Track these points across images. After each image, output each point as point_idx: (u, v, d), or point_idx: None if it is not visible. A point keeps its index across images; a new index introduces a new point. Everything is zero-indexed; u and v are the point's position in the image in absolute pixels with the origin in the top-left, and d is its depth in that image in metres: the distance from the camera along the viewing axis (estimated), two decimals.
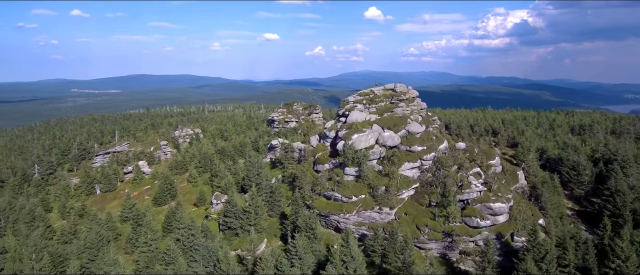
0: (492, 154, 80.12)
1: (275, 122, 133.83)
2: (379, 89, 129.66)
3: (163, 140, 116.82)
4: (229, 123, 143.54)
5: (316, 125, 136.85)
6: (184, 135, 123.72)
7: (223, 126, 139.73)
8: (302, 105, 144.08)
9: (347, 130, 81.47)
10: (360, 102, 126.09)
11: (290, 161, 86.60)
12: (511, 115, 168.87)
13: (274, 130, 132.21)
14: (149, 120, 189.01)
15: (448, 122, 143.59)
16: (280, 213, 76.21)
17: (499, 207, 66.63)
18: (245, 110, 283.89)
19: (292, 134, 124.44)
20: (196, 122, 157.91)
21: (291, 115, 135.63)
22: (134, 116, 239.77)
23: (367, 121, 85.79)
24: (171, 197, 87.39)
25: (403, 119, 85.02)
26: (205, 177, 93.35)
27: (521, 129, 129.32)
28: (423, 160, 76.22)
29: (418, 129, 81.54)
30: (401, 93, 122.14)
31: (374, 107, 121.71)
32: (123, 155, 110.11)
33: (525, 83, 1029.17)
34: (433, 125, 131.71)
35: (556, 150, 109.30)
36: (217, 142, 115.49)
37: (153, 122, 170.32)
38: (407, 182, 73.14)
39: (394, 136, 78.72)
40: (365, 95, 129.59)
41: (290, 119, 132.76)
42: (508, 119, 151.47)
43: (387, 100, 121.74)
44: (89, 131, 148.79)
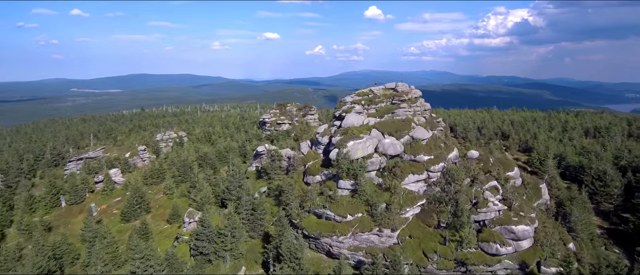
0: (509, 164, 68.13)
1: (267, 124, 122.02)
2: (378, 88, 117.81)
3: (141, 145, 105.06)
4: (218, 125, 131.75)
5: (311, 128, 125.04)
6: (166, 139, 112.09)
7: (211, 128, 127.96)
8: (296, 105, 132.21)
9: (342, 136, 69.60)
10: (358, 102, 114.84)
11: (277, 171, 74.79)
12: (519, 116, 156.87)
13: (266, 134, 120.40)
14: (138, 121, 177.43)
15: (453, 123, 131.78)
16: (263, 233, 64.41)
17: (523, 231, 54.74)
18: (243, 110, 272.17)
19: (284, 138, 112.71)
20: (185, 123, 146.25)
21: (284, 116, 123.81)
22: (125, 117, 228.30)
23: (364, 126, 74.01)
24: (142, 211, 75.80)
25: (406, 123, 73.17)
26: (184, 187, 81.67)
27: (534, 132, 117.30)
28: (430, 171, 64.35)
29: (424, 134, 69.63)
30: (403, 93, 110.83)
31: (374, 107, 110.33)
32: (96, 162, 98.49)
33: (526, 82, 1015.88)
34: (438, 127, 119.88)
35: (576, 156, 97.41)
36: (201, 147, 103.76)
37: (141, 124, 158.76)
38: (412, 198, 61.28)
39: (396, 143, 66.80)
40: (364, 96, 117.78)
41: (283, 121, 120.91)
42: (517, 121, 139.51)
43: (387, 101, 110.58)
44: (67, 134, 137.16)
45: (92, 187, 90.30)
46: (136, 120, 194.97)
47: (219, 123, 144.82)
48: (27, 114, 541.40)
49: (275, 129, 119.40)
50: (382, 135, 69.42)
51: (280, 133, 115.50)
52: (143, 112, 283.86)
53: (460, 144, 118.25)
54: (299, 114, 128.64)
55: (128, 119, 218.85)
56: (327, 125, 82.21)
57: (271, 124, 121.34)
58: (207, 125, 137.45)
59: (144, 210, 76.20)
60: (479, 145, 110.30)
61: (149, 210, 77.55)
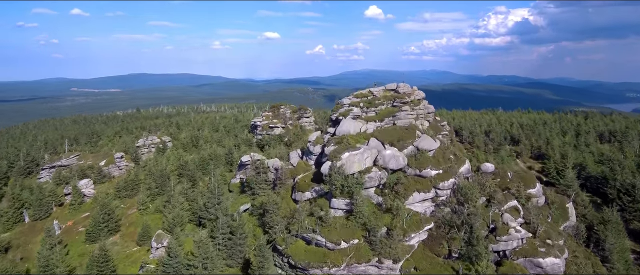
0: (530, 179, 58.03)
1: (258, 128, 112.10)
2: (378, 89, 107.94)
3: (118, 151, 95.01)
4: (207, 128, 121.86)
5: (306, 132, 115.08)
6: (148, 145, 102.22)
7: (200, 132, 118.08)
8: (290, 107, 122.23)
9: (336, 145, 59.67)
10: (356, 104, 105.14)
11: (262, 185, 64.75)
12: (528, 118, 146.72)
13: (257, 138, 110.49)
14: (126, 123, 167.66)
15: (458, 127, 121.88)
16: (243, 261, 54.54)
17: (552, 265, 44.79)
18: (240, 110, 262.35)
19: (276, 143, 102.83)
20: (173, 126, 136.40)
21: (277, 119, 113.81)
22: (117, 118, 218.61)
23: (362, 134, 64.18)
24: (109, 231, 65.99)
25: (410, 131, 63.26)
26: (160, 202, 71.80)
27: (546, 138, 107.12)
28: (438, 189, 54.37)
29: (430, 144, 59.60)
30: (405, 95, 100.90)
31: (373, 110, 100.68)
32: (68, 171, 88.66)
33: (526, 82, 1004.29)
34: (442, 132, 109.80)
35: (596, 165, 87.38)
36: (183, 155, 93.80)
37: (128, 126, 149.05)
38: (418, 222, 51.37)
39: (398, 155, 56.78)
40: (363, 97, 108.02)
41: (275, 125, 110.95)
42: (526, 124, 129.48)
43: (388, 103, 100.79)
44: (47, 137, 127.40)
45: (61, 199, 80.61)
46: (127, 122, 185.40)
47: (209, 126, 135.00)
48: (26, 113, 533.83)
49: (267, 134, 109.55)
50: (382, 146, 59.46)
51: (272, 138, 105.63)
52: (138, 113, 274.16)
53: (466, 150, 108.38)
54: (293, 116, 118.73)
55: (120, 120, 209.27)
56: (319, 132, 72.34)
57: (263, 127, 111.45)
58: (196, 129, 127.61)
59: (112, 229, 66.39)
60: (488, 151, 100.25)
61: (118, 228, 67.73)
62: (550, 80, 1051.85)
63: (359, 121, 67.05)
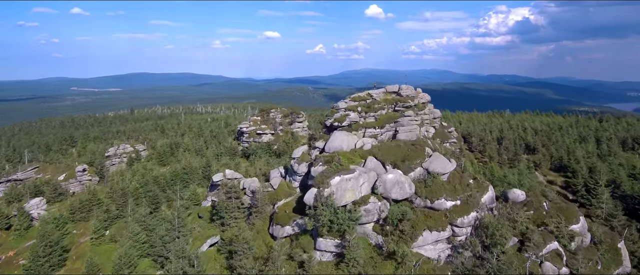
0: (572, 212, 44.82)
1: (245, 134, 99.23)
2: (378, 91, 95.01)
3: (82, 163, 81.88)
4: (190, 134, 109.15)
5: (299, 139, 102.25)
6: (120, 154, 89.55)
7: (181, 139, 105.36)
8: (282, 111, 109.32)
9: (325, 165, 46.85)
10: (354, 108, 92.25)
11: (235, 213, 51.77)
12: (540, 121, 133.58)
13: (243, 146, 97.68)
14: (108, 127, 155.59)
15: (465, 132, 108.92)
16: None
17: None
18: (237, 111, 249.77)
19: (263, 153, 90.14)
20: (154, 131, 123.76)
21: (266, 125, 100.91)
22: (106, 120, 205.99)
23: (358, 150, 51.36)
24: (51, 267, 53.31)
25: (418, 148, 50.45)
26: (116, 229, 58.99)
27: (567, 146, 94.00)
28: (456, 226, 41.40)
29: (444, 166, 46.53)
30: (408, 98, 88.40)
31: (372, 115, 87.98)
32: (23, 187, 75.84)
33: (527, 81, 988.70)
34: (450, 139, 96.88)
35: (629, 180, 74.31)
36: (155, 168, 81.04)
37: (108, 130, 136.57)
38: (430, 272, 38.49)
39: (403, 181, 43.76)
40: (361, 101, 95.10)
41: (263, 131, 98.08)
42: (541, 129, 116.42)
43: (389, 108, 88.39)
44: (16, 144, 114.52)
45: (10, 221, 68.01)
46: (110, 125, 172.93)
47: (195, 131, 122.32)
48: (24, 113, 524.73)
49: (254, 141, 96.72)
50: (383, 167, 46.55)
51: (259, 146, 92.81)
52: (130, 114, 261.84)
53: (477, 160, 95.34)
54: (284, 121, 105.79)
55: (109, 121, 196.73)
56: (305, 148, 59.33)
57: (250, 134, 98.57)
58: (179, 134, 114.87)
59: (54, 264, 53.71)
60: (502, 162, 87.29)
61: (63, 262, 55.03)
62: (551, 80, 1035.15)
63: (354, 135, 54.24)
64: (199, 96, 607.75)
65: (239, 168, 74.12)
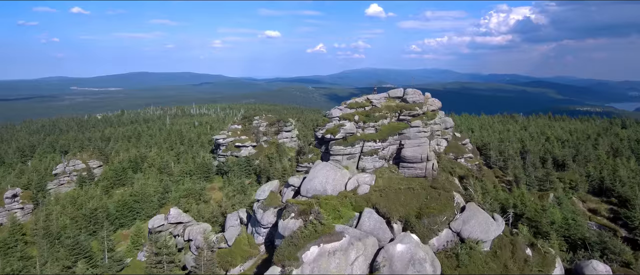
0: None
1: (222, 147, 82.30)
2: (379, 97, 77.71)
3: (11, 187, 65.07)
4: (162, 145, 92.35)
5: (286, 151, 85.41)
6: (69, 172, 73.08)
7: (149, 150, 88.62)
8: (267, 118, 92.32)
9: (298, 217, 29.87)
10: (349, 117, 75.34)
11: None
12: (560, 127, 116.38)
13: (219, 161, 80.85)
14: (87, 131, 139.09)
15: (479, 142, 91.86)
16: None
17: None
18: (231, 112, 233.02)
19: (241, 171, 73.41)
20: (134, 137, 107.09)
21: (247, 136, 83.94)
22: (91, 122, 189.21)
23: (349, 193, 34.32)
24: None
25: (443, 198, 33.42)
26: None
27: (605, 162, 76.89)
28: None
29: (486, 228, 29.33)
30: (415, 105, 71.83)
31: (372, 126, 71.52)
32: None
33: (528, 80, 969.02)
34: (465, 154, 79.80)
35: None
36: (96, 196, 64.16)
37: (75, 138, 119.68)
38: None
39: (422, 257, 26.58)
40: (359, 107, 77.82)
41: (243, 143, 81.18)
42: (565, 139, 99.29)
43: (392, 116, 71.61)
44: None
45: None
46: (94, 129, 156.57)
47: (174, 138, 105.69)
48: (21, 112, 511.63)
49: (232, 155, 79.83)
50: (388, 226, 29.45)
51: (237, 162, 75.99)
52: (121, 115, 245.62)
53: (498, 179, 77.97)
54: (269, 130, 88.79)
55: (91, 124, 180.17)
56: (276, 183, 42.35)
57: (227, 147, 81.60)
58: (153, 143, 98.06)
59: None
60: (531, 184, 70.00)
61: None
62: (552, 79, 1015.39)
63: (344, 171, 37.18)
64: (198, 96, 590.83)
65: (204, 195, 57.16)
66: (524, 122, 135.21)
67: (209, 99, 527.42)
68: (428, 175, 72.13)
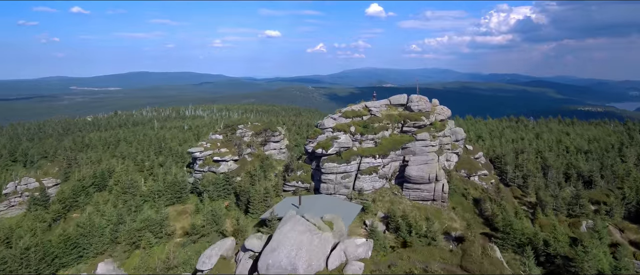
0: None
1: (198, 161, 70.81)
2: (379, 104, 66.48)
3: None
4: (141, 155, 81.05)
5: (272, 166, 74.20)
6: (21, 192, 62.03)
7: (116, 161, 77.40)
8: (253, 127, 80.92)
9: None
10: (344, 128, 64.74)
11: None
12: (576, 133, 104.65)
13: (194, 177, 69.48)
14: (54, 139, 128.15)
15: (492, 154, 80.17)
16: None
17: None
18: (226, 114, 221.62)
19: (219, 189, 62.23)
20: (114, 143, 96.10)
21: (227, 148, 72.50)
22: (77, 125, 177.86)
23: None
24: None
25: None
26: None
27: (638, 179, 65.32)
28: None
29: None
30: (421, 114, 60.34)
31: (371, 139, 60.44)
32: None
33: (528, 80, 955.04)
34: (479, 171, 68.63)
35: None
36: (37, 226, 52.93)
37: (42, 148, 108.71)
38: None
39: None
40: (356, 116, 67.13)
41: (223, 157, 69.72)
42: (587, 149, 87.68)
43: (394, 127, 60.02)
44: None
45: None
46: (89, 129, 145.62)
47: (152, 148, 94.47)
48: (19, 112, 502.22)
49: (210, 170, 68.44)
50: None
51: (214, 181, 64.61)
52: (113, 117, 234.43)
53: (518, 201, 65.91)
54: (254, 141, 77.34)
55: (78, 127, 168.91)
56: (231, 241, 31.00)
57: (205, 161, 70.14)
58: (126, 154, 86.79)
59: None
60: (558, 209, 58.51)
61: None
62: (552, 79, 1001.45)
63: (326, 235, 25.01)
64: (198, 96, 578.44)
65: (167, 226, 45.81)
66: (535, 127, 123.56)
67: (209, 99, 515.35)
68: (437, 198, 60.71)
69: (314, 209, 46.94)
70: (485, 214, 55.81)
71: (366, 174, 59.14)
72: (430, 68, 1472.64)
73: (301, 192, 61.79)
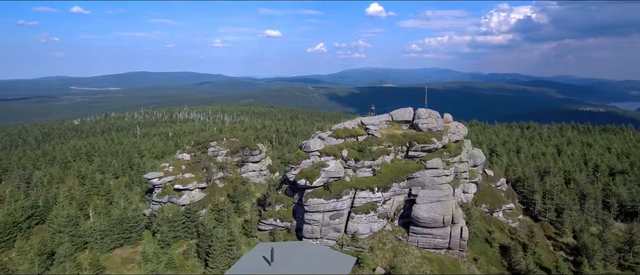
0: None
1: (157, 189, 56.89)
2: (379, 120, 51.76)
3: None
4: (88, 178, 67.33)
5: (248, 193, 60.56)
6: None
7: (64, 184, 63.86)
8: (228, 144, 66.98)
9: None
10: (335, 152, 48.92)
11: None
12: (596, 142, 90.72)
13: (150, 209, 55.63)
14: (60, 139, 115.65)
15: (511, 174, 66.45)
16: None
17: None
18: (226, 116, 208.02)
19: (178, 230, 48.53)
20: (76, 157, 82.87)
21: (194, 172, 58.61)
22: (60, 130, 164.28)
23: None
24: None
25: None
26: None
27: None
28: None
29: None
30: (431, 134, 44.08)
31: (368, 166, 45.09)
32: None
33: (529, 80, 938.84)
34: (505, 204, 54.47)
35: None
36: None
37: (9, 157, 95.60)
38: None
39: None
40: (349, 136, 52.14)
41: (185, 186, 55.84)
42: (619, 168, 73.86)
43: (398, 150, 43.62)
44: None
45: None
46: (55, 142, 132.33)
47: (119, 164, 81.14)
48: (18, 112, 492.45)
49: (171, 201, 54.62)
50: None
51: (172, 217, 50.74)
52: (103, 120, 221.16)
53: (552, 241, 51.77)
54: (228, 163, 63.41)
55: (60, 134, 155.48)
56: None
57: (164, 190, 56.26)
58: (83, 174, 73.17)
59: None
60: (609, 260, 44.79)
61: None
62: (553, 79, 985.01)
63: None
64: (198, 96, 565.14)
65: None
66: (550, 136, 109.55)
67: (208, 99, 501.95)
68: (454, 246, 46.64)
69: (291, 265, 33.83)
70: (516, 268, 42.04)
71: (362, 213, 45.30)
72: (430, 68, 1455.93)
73: (279, 233, 48.08)
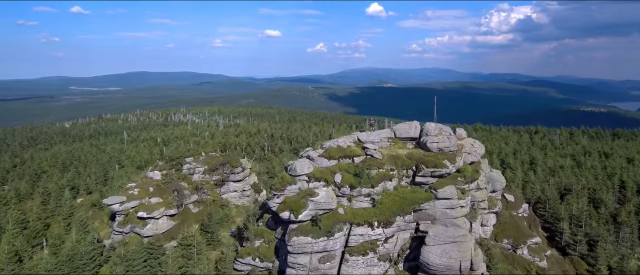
0: None
1: (119, 216, 47.88)
2: (379, 136, 42.09)
3: None
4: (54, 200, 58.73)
5: (232, 217, 51.80)
6: None
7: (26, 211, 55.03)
8: (207, 159, 58.01)
9: None
10: (326, 177, 37.35)
11: None
12: (618, 154, 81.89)
13: (112, 240, 46.58)
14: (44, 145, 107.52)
15: (529, 193, 57.68)
16: None
17: None
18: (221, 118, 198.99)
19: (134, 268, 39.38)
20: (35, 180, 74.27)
21: (162, 196, 49.68)
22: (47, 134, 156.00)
23: None
24: None
25: None
26: None
27: None
28: None
29: None
30: (443, 155, 32.86)
31: (366, 194, 33.56)
32: None
33: (529, 79, 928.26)
34: (530, 238, 45.28)
35: None
36: None
37: None
38: None
39: None
40: (343, 157, 41.90)
41: (150, 213, 46.81)
42: None
43: (402, 175, 32.10)
44: None
45: None
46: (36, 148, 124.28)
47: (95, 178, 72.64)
48: (17, 112, 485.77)
49: (134, 231, 45.71)
50: None
51: (132, 255, 41.68)
52: (97, 121, 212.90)
53: None
54: (204, 184, 54.40)
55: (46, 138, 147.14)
56: None
57: (127, 217, 47.33)
58: (49, 190, 64.59)
59: None
60: None
61: None
62: (553, 78, 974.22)
63: None
64: (198, 96, 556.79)
65: None
66: (563, 144, 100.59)
67: (208, 99, 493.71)
68: None
69: None
70: None
71: (358, 254, 36.34)
72: (430, 68, 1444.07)
73: None
